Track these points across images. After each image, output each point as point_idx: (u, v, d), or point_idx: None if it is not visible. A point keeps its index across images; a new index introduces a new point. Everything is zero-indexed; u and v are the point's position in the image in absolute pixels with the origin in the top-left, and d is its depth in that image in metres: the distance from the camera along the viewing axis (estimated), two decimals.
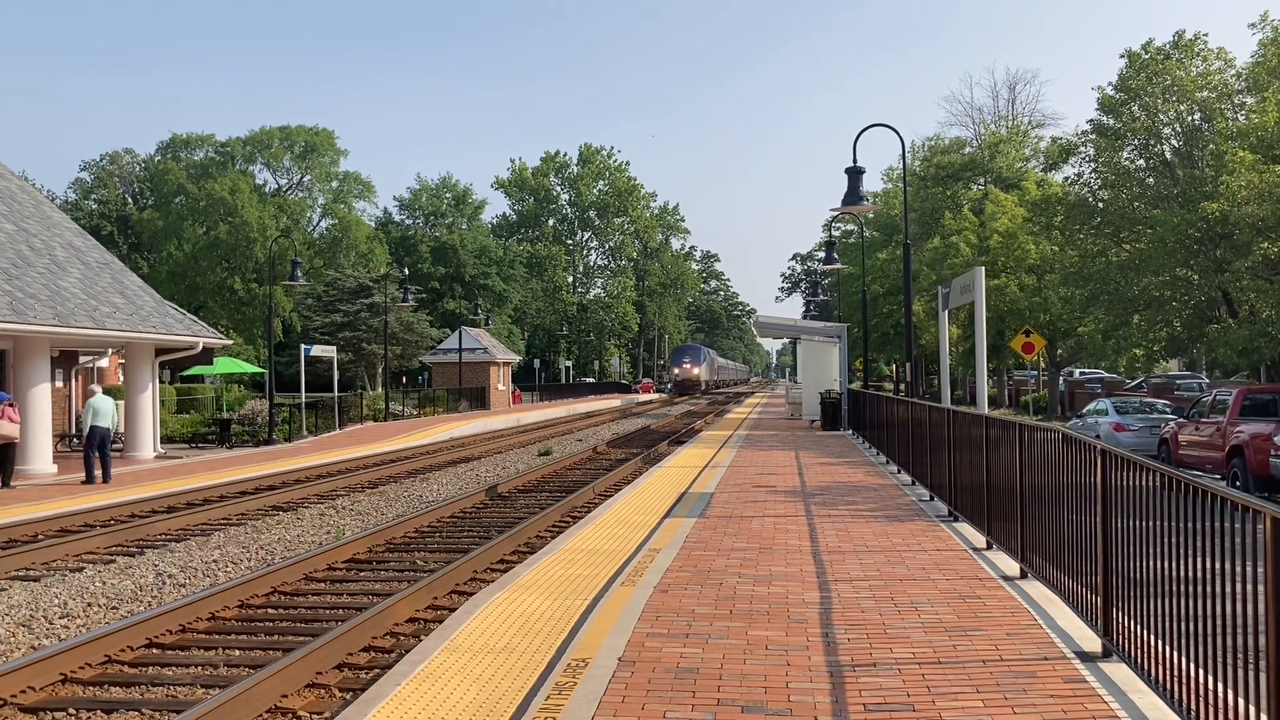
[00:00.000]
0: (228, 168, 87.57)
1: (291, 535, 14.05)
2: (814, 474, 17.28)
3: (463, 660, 6.37)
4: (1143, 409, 25.17)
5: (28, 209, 26.47)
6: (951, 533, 10.94)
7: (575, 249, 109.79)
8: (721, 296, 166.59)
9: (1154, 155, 31.40)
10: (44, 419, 21.65)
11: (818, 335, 34.95)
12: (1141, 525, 5.46)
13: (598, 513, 13.11)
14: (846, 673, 5.98)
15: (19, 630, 9.01)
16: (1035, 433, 7.93)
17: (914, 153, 60.72)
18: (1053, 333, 40.14)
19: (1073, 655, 6.25)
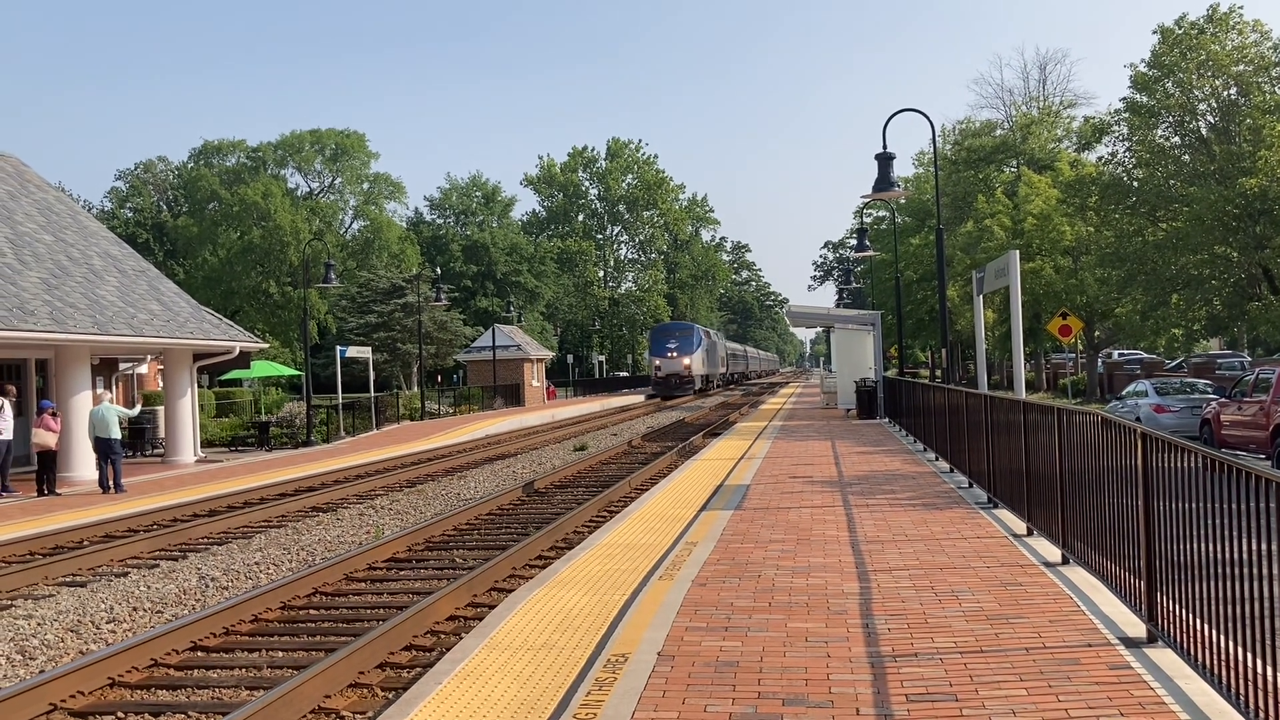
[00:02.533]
0: (260, 172, 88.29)
1: (332, 536, 14.16)
2: (851, 463, 17.19)
3: (503, 658, 6.39)
4: (1183, 389, 24.82)
5: (65, 220, 26.82)
6: (991, 519, 10.84)
7: (605, 243, 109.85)
8: (753, 287, 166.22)
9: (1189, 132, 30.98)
10: (85, 426, 21.97)
11: (851, 323, 34.76)
12: (1185, 508, 5.38)
13: (634, 507, 13.11)
14: (888, 663, 5.94)
15: (67, 635, 9.14)
16: (1074, 416, 7.84)
17: (944, 136, 60.24)
18: (1090, 314, 39.72)
19: (1117, 641, 6.18)
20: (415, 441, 29.61)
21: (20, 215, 25.01)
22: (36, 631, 9.17)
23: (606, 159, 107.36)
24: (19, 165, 28.36)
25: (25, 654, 8.55)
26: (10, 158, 28.39)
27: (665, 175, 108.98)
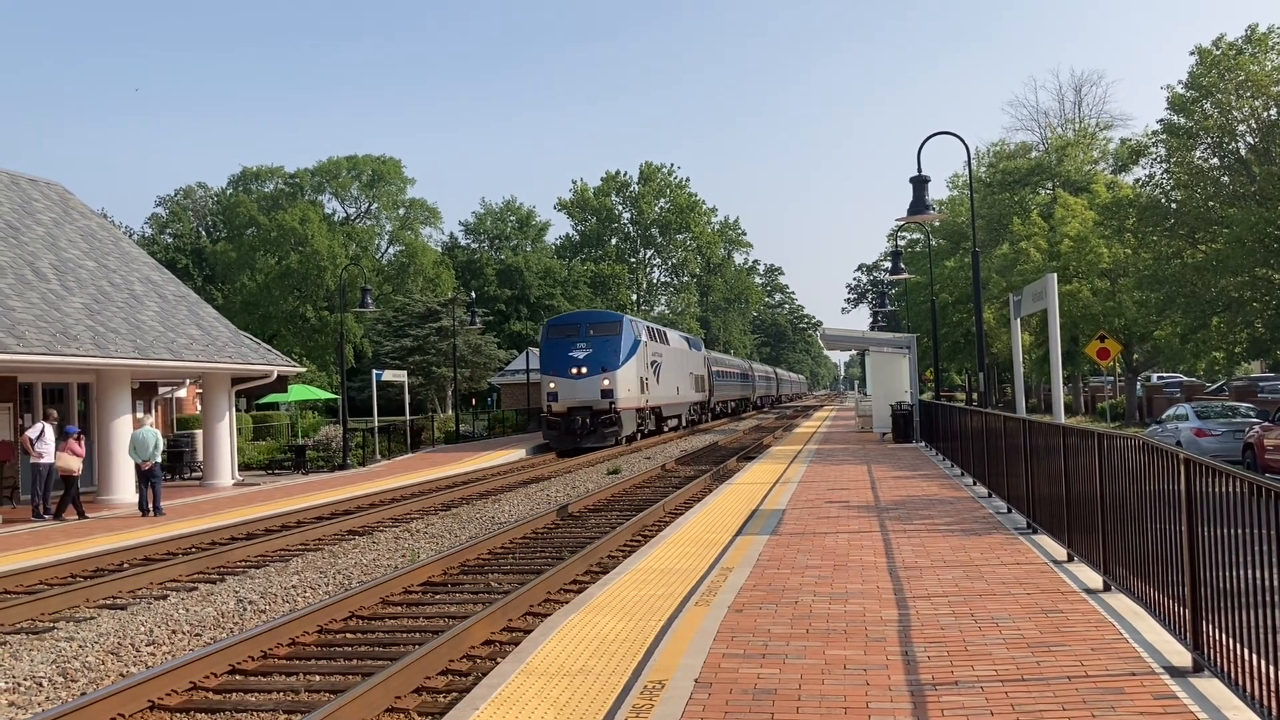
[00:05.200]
0: (297, 198, 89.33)
1: (368, 559, 14.22)
2: (887, 488, 17.07)
3: (539, 683, 6.38)
4: (1225, 413, 24.48)
5: (107, 246, 27.24)
6: (1030, 545, 10.72)
7: (638, 267, 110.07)
8: (786, 310, 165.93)
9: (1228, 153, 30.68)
10: (125, 450, 22.23)
11: (886, 346, 34.58)
12: (1229, 534, 5.30)
13: (669, 531, 13.08)
14: (928, 692, 5.88)
15: (108, 658, 9.22)
16: (1114, 441, 7.75)
17: (979, 159, 60.01)
18: (1128, 337, 39.31)
19: (1161, 670, 6.09)
20: (450, 465, 29.71)
21: (64, 242, 25.44)
22: (78, 654, 9.26)
23: (639, 183, 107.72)
24: (64, 193, 28.86)
25: (67, 676, 8.64)
26: (55, 185, 28.90)
27: (697, 198, 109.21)
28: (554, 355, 35.41)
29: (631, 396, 35.87)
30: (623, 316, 37.32)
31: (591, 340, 35.35)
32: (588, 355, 34.83)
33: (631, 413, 36.16)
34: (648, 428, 39.55)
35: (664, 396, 41.83)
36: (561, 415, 34.33)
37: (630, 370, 35.67)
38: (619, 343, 35.40)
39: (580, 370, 34.52)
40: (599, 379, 34.38)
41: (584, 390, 34.29)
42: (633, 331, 36.94)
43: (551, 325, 37.63)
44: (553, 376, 34.86)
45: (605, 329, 36.11)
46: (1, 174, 26.94)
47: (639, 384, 36.93)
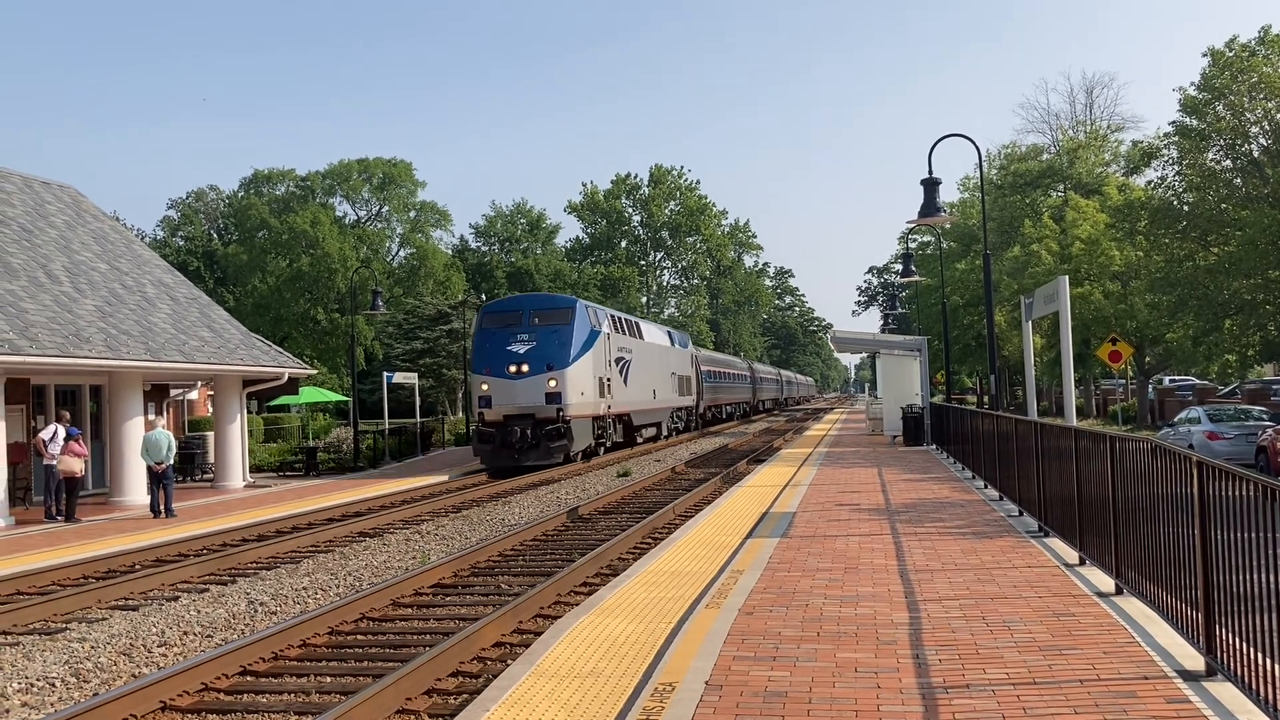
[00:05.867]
0: (308, 201, 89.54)
1: (379, 561, 14.24)
2: (898, 491, 17.04)
3: (550, 685, 6.38)
4: (1238, 416, 24.38)
5: (119, 248, 27.36)
6: (1042, 548, 10.69)
7: (648, 269, 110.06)
8: (797, 312, 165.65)
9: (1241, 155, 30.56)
10: (138, 451, 22.32)
11: (897, 349, 34.53)
12: (1243, 538, 5.28)
13: (679, 534, 13.07)
14: (939, 695, 5.86)
15: (120, 659, 9.25)
16: (1126, 444, 7.73)
17: (990, 161, 59.87)
18: (1140, 340, 39.17)
19: (1174, 674, 6.06)
20: (460, 466, 29.74)
21: (77, 244, 25.54)
22: (90, 655, 9.30)
23: (649, 185, 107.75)
24: (76, 195, 28.99)
25: (80, 677, 8.67)
26: (68, 188, 29.03)
27: (708, 201, 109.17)
28: (488, 349, 28.97)
29: (586, 401, 29.36)
30: (576, 301, 30.53)
31: (536, 331, 28.85)
32: (530, 350, 28.32)
33: (586, 422, 29.58)
34: (611, 439, 32.94)
35: (634, 401, 35.20)
36: (495, 425, 27.90)
37: (584, 368, 29.32)
38: (569, 333, 28.84)
39: (519, 368, 28.16)
40: (543, 379, 27.99)
41: (524, 393, 27.96)
42: (589, 320, 30.39)
43: (486, 312, 30.90)
44: (485, 376, 28.57)
45: (553, 316, 29.52)
46: (15, 177, 27.08)
47: (597, 385, 30.40)
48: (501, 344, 28.76)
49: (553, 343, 28.52)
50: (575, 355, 28.68)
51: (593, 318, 30.81)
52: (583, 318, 29.84)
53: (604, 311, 32.99)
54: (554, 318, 29.38)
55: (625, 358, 33.83)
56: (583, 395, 28.96)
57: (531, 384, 28.03)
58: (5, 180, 26.38)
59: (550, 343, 28.52)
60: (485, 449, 28.00)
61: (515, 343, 28.60)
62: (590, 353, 29.70)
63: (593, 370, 29.96)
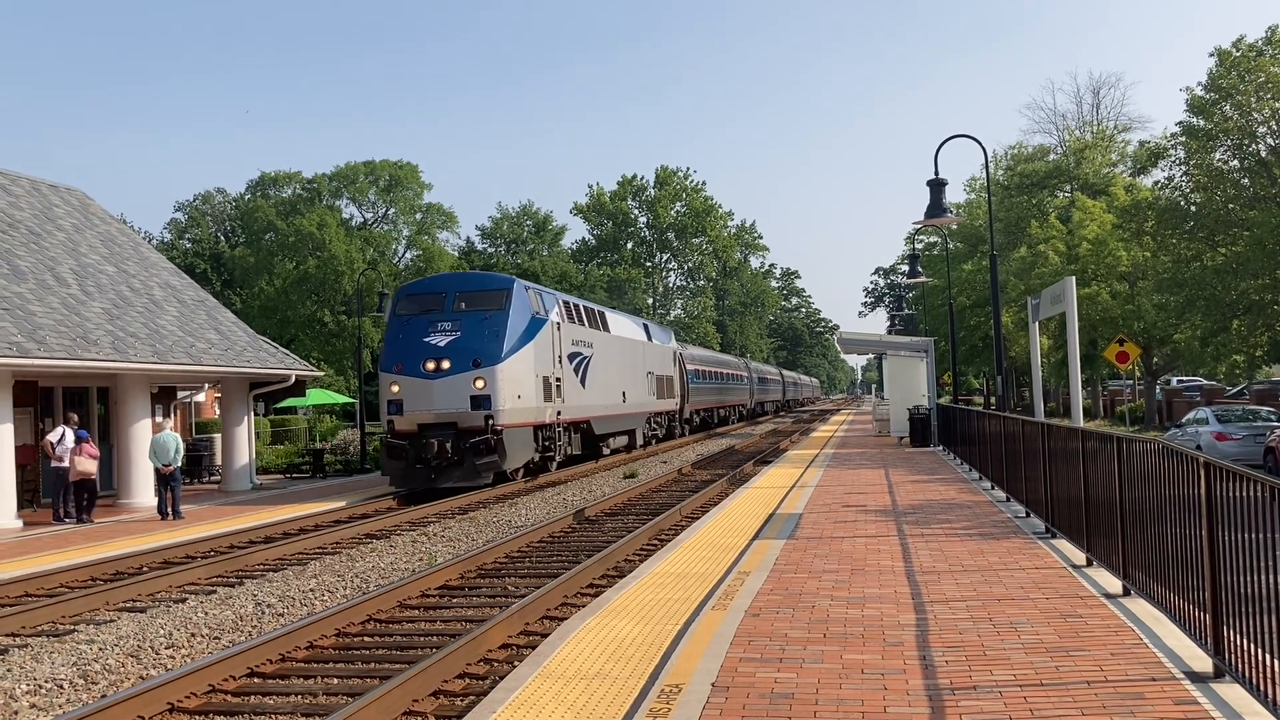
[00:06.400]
0: (315, 203, 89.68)
1: (385, 563, 14.26)
2: (905, 492, 17.02)
3: (556, 687, 6.38)
4: (1246, 417, 24.32)
5: (127, 251, 27.43)
6: (1049, 550, 10.68)
7: (654, 271, 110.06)
8: (803, 313, 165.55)
9: (1249, 155, 30.48)
10: (144, 453, 22.37)
11: (904, 350, 34.49)
12: (1250, 539, 5.27)
13: (685, 535, 13.07)
14: (946, 696, 5.86)
15: (128, 661, 9.27)
16: (1133, 445, 7.72)
17: (996, 162, 59.78)
18: (1148, 341, 39.08)
19: (1182, 675, 6.05)
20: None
21: (85, 247, 25.62)
22: (98, 656, 9.32)
23: (655, 187, 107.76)
24: (84, 198, 29.08)
25: (88, 679, 8.70)
26: (75, 191, 29.12)
27: (714, 202, 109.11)
28: (402, 342, 23.52)
29: (525, 406, 23.88)
30: (514, 281, 25.08)
31: (462, 318, 23.47)
32: (453, 342, 22.96)
33: (524, 432, 23.95)
34: (563, 452, 27.22)
35: (595, 405, 29.72)
36: (408, 437, 22.53)
37: (522, 364, 23.80)
38: (503, 321, 23.40)
39: (439, 365, 22.72)
40: (468, 379, 22.54)
41: (444, 396, 22.60)
42: (530, 305, 25.04)
43: (402, 295, 25.09)
44: (396, 375, 23.02)
45: (484, 300, 24.11)
46: (23, 180, 27.16)
47: (541, 386, 24.94)
48: (418, 335, 23.37)
49: (482, 333, 23.14)
50: (511, 348, 23.30)
51: (536, 302, 25.56)
52: (522, 302, 24.53)
53: (554, 296, 27.94)
54: (485, 301, 24.05)
55: (583, 353, 28.85)
56: (520, 398, 23.52)
57: (453, 385, 22.59)
58: (13, 184, 26.46)
59: (478, 333, 23.14)
60: (395, 466, 22.76)
61: (435, 333, 23.21)
62: (532, 345, 24.40)
63: (534, 367, 24.52)
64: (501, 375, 22.78)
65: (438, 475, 22.29)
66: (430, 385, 22.72)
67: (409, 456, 22.39)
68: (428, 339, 23.11)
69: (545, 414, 25.23)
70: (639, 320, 39.25)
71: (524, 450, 23.98)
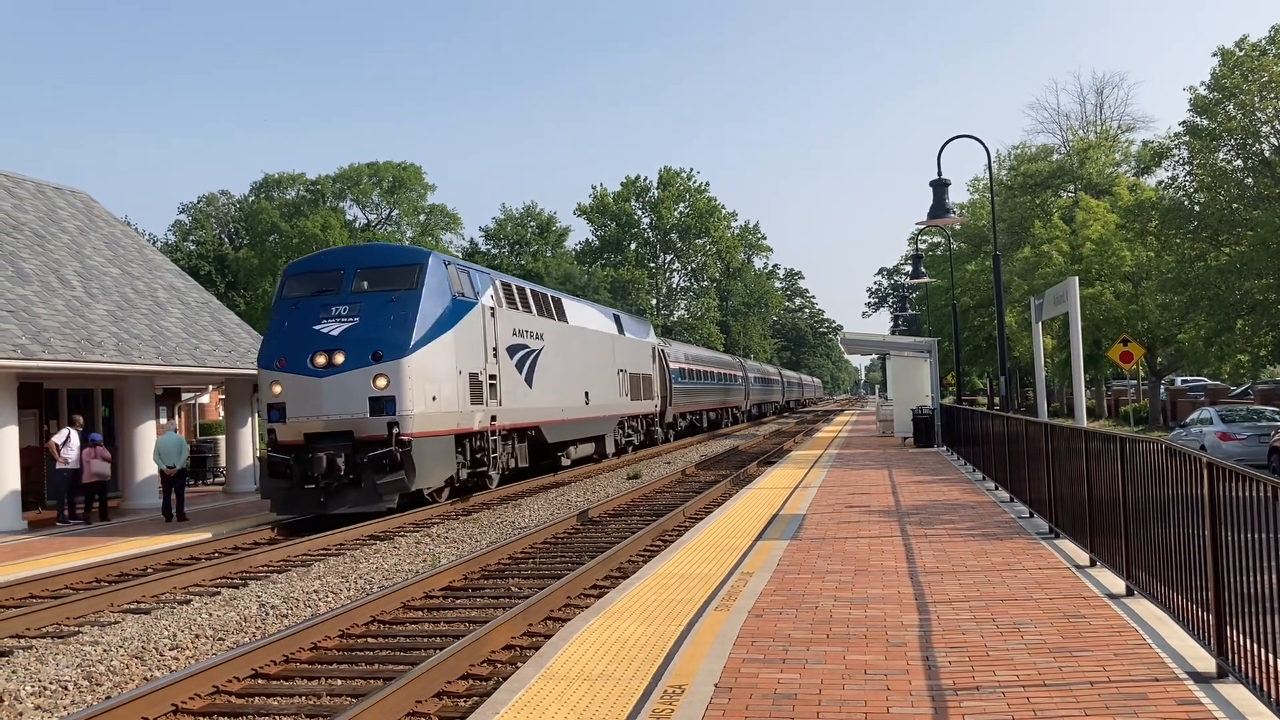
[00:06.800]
0: (319, 205, 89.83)
1: (389, 564, 14.28)
2: (908, 493, 17.01)
3: (560, 688, 6.39)
4: (1250, 417, 24.30)
5: (131, 253, 27.48)
6: (1052, 550, 10.67)
7: (658, 272, 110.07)
8: (807, 314, 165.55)
9: (1252, 155, 30.43)
10: (149, 455, 22.38)
11: (907, 350, 34.46)
12: (1254, 539, 5.27)
13: (689, 536, 13.07)
14: (949, 697, 5.86)
15: (132, 662, 9.29)
16: (1137, 445, 7.71)
17: (1000, 162, 59.73)
18: (1152, 341, 39.04)
19: (1185, 676, 6.05)
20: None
21: (89, 249, 25.67)
22: (103, 658, 9.34)
23: (658, 188, 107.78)
24: (88, 200, 29.13)
25: (92, 680, 8.71)
26: (80, 193, 29.17)
27: (717, 203, 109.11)
28: (288, 330, 19.32)
29: (442, 410, 19.44)
30: (429, 255, 20.38)
31: (362, 301, 19.23)
32: (350, 330, 18.73)
33: (443, 442, 19.54)
34: (502, 465, 22.48)
35: (548, 407, 25.31)
36: (292, 450, 18.37)
37: (439, 357, 19.46)
38: (414, 303, 19.14)
39: (330, 358, 18.50)
40: (366, 375, 18.32)
41: (336, 398, 18.35)
42: (449, 283, 20.34)
43: (291, 274, 20.84)
44: (278, 373, 18.80)
45: (391, 278, 19.65)
46: (28, 183, 27.22)
47: (467, 385, 20.44)
48: (307, 322, 19.11)
49: (386, 318, 18.88)
50: (423, 337, 18.98)
51: (460, 282, 20.90)
52: (439, 281, 19.97)
53: (488, 275, 22.94)
54: (392, 279, 19.59)
55: (529, 346, 24.37)
56: (435, 400, 19.16)
57: (347, 383, 18.36)
58: (18, 186, 26.52)
59: (382, 318, 18.89)
60: (276, 488, 18.57)
61: (328, 319, 18.97)
62: (453, 334, 19.97)
63: (457, 360, 20.04)
64: (409, 371, 18.44)
65: (328, 499, 18.20)
66: (319, 385, 18.39)
67: (294, 475, 18.24)
68: (319, 327, 18.88)
69: (474, 419, 20.72)
70: (607, 310, 34.69)
71: (442, 465, 19.54)
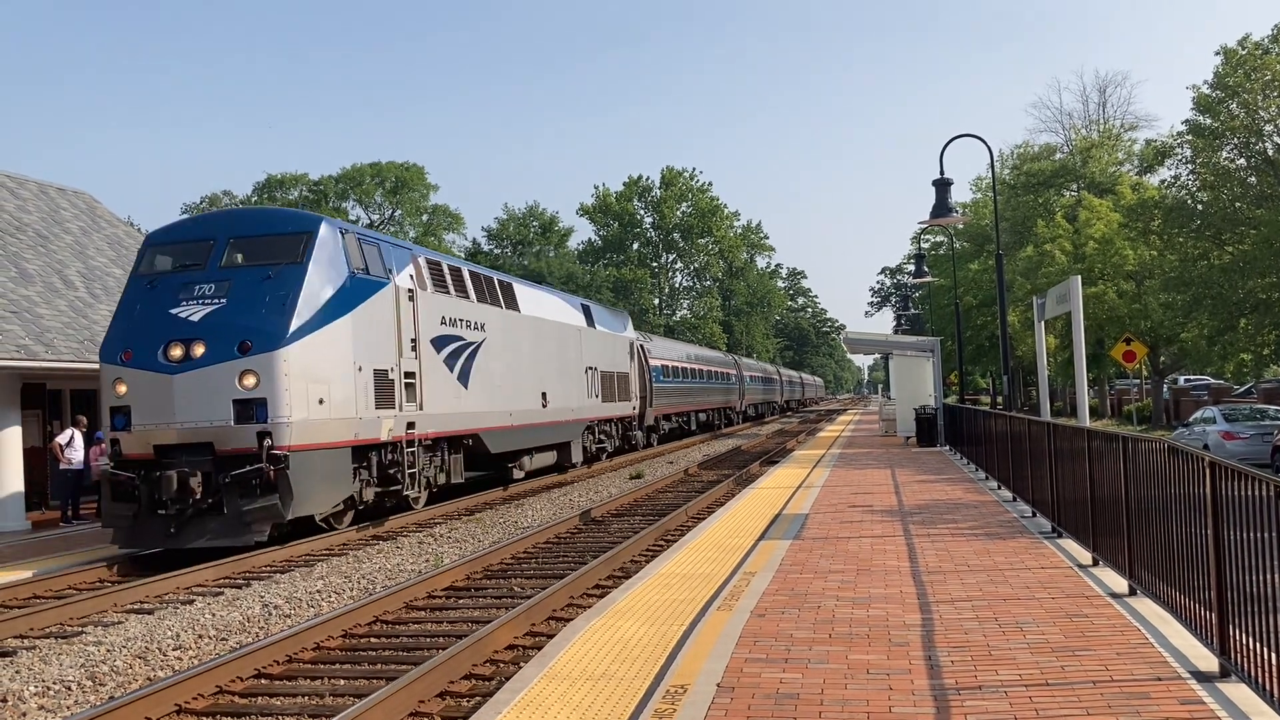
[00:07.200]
0: (321, 206, 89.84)
1: (392, 564, 14.28)
2: (911, 492, 17.00)
3: (562, 688, 6.39)
4: (1253, 416, 24.26)
5: (134, 254, 27.50)
6: (1055, 549, 10.66)
7: (660, 271, 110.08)
8: (809, 314, 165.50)
9: (1255, 154, 30.42)
10: None
11: (910, 350, 34.44)
12: (1257, 538, 5.26)
13: (691, 536, 13.07)
14: (951, 696, 5.86)
15: (136, 662, 9.30)
16: (1140, 444, 7.71)
17: (1002, 161, 59.71)
18: (1154, 340, 39.01)
19: (1188, 675, 6.04)
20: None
21: (92, 250, 25.69)
22: (106, 658, 9.35)
23: (661, 187, 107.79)
24: (91, 201, 29.15)
25: (95, 680, 8.73)
26: (83, 194, 29.19)
27: (719, 203, 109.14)
28: (138, 315, 15.34)
29: (336, 416, 15.55)
30: (319, 221, 16.16)
31: (232, 277, 15.28)
32: (213, 314, 14.78)
33: (334, 456, 15.66)
34: (425, 483, 18.64)
35: (491, 411, 21.18)
36: (139, 465, 14.67)
37: (331, 347, 15.49)
38: (298, 280, 15.15)
39: (187, 349, 14.60)
40: (230, 370, 14.50)
41: (191, 400, 14.51)
42: (345, 257, 16.14)
43: (151, 244, 16.71)
44: (120, 367, 14.91)
45: (271, 249, 15.62)
46: (30, 184, 27.24)
47: (371, 384, 16.43)
48: (162, 303, 15.03)
49: (259, 299, 14.83)
50: (307, 323, 14.84)
51: (363, 256, 16.52)
52: (333, 254, 15.69)
53: (406, 250, 18.45)
54: (272, 251, 15.39)
55: (465, 338, 20.01)
56: (323, 403, 15.09)
57: (207, 382, 14.37)
58: (21, 187, 26.54)
59: (254, 299, 14.81)
60: (118, 513, 14.72)
61: (189, 301, 14.87)
62: (351, 320, 15.77)
63: (355, 353, 15.86)
64: (287, 366, 14.38)
65: (179, 529, 14.35)
66: (170, 384, 14.34)
67: (142, 498, 14.44)
68: (176, 310, 14.77)
69: (380, 427, 16.55)
70: (575, 299, 30.20)
71: (333, 484, 15.57)
